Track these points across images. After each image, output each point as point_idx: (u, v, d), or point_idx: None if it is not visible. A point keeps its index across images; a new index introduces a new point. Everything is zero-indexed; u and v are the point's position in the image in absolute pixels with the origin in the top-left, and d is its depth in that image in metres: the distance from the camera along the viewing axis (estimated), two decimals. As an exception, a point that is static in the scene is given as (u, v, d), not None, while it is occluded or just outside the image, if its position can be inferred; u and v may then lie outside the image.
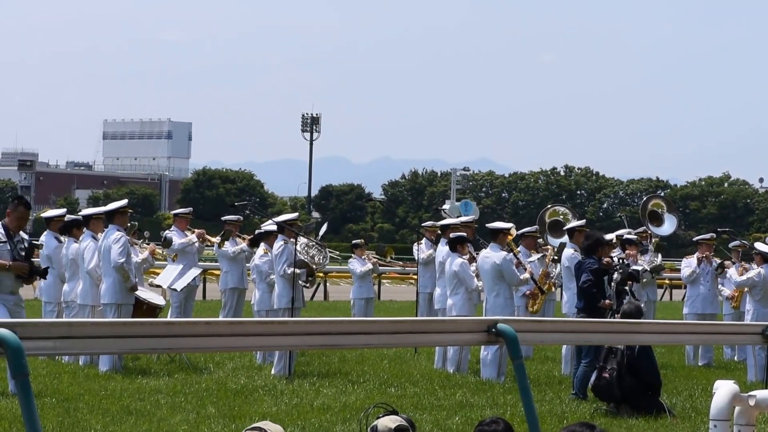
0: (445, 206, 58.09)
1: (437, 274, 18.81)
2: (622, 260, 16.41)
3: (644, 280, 19.65)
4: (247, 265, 20.72)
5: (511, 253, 17.09)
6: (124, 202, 17.39)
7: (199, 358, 17.55)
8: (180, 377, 15.72)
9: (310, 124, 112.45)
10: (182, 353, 16.63)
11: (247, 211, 27.04)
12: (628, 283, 15.48)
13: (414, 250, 23.64)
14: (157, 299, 17.38)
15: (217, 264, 26.81)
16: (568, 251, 17.24)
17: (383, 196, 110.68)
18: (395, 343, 9.24)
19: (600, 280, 15.05)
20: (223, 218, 21.80)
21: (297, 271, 16.98)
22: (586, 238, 15.64)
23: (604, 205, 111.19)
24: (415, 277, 30.07)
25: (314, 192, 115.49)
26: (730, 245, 21.49)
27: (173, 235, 19.90)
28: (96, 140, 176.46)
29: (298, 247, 17.19)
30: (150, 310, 16.74)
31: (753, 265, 18.70)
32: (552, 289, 20.10)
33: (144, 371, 16.32)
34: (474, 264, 17.29)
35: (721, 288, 20.30)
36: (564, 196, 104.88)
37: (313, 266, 17.75)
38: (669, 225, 21.71)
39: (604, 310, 14.81)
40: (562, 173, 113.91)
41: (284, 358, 16.44)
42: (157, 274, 21.39)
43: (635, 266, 17.97)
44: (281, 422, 9.24)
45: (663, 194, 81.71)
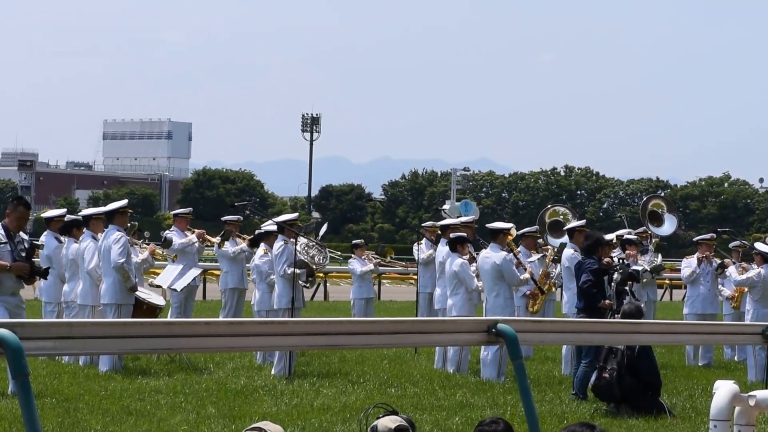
0: (445, 206, 58.07)
1: (437, 274, 18.80)
2: (622, 260, 16.40)
3: (644, 280, 19.64)
4: (247, 265, 20.72)
5: (511, 254, 17.09)
6: (124, 202, 17.39)
7: (199, 358, 17.55)
8: (180, 377, 15.71)
9: (310, 124, 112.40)
10: (182, 353, 16.63)
11: (247, 212, 26.97)
12: (628, 284, 15.48)
13: (414, 250, 23.63)
14: (157, 299, 17.38)
15: (217, 264, 26.82)
16: (568, 251, 17.24)
17: (383, 197, 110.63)
18: (395, 343, 9.24)
19: (600, 281, 15.04)
20: (223, 218, 21.79)
21: (297, 271, 16.98)
22: (586, 239, 15.63)
23: (604, 205, 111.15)
24: (415, 277, 30.06)
25: (314, 192, 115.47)
26: (730, 245, 21.50)
27: (173, 236, 19.89)
28: (96, 140, 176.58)
29: (298, 247, 17.19)
30: (150, 310, 16.74)
31: (753, 265, 18.70)
32: (552, 289, 20.11)
33: (144, 371, 16.32)
34: (474, 264, 17.28)
35: (721, 288, 20.29)
36: (564, 196, 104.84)
37: (313, 266, 17.74)
38: (669, 225, 21.69)
39: (604, 310, 14.81)
40: (562, 173, 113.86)
41: (284, 358, 16.44)
42: (157, 274, 21.38)
43: (635, 266, 17.95)
44: (281, 422, 9.23)
45: (663, 194, 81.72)
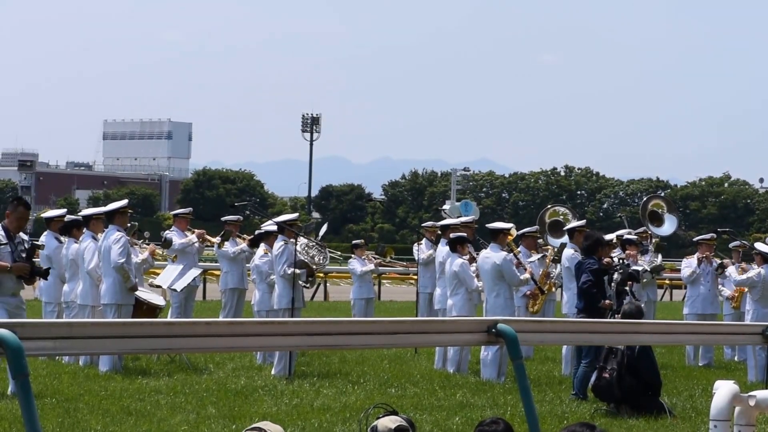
0: (445, 206, 58.04)
1: (437, 274, 18.80)
2: (622, 260, 16.40)
3: (644, 281, 19.64)
4: (247, 265, 20.72)
5: (511, 254, 17.09)
6: (124, 202, 17.38)
7: (199, 358, 17.54)
8: (180, 377, 15.71)
9: (310, 124, 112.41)
10: (182, 353, 16.63)
11: (247, 212, 27.03)
12: (628, 284, 15.48)
13: (414, 250, 23.62)
14: (157, 299, 17.38)
15: (217, 264, 26.81)
16: (569, 251, 17.24)
17: (383, 197, 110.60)
18: (395, 343, 9.24)
19: (600, 281, 15.04)
20: (223, 218, 21.80)
21: (297, 271, 16.98)
22: (586, 239, 15.63)
23: (605, 206, 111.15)
24: (415, 277, 30.06)
25: (314, 192, 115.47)
26: (730, 245, 21.49)
27: (173, 236, 19.89)
28: (96, 140, 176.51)
29: (298, 247, 17.18)
30: (150, 310, 16.74)
31: (753, 266, 18.69)
32: (552, 289, 20.10)
33: (144, 371, 16.32)
34: (474, 264, 17.29)
35: (722, 288, 20.29)
36: (564, 197, 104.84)
37: (313, 266, 17.74)
38: (669, 225, 21.68)
39: (604, 310, 14.81)
40: (562, 173, 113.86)
41: (284, 358, 16.44)
42: (157, 274, 21.39)
43: (635, 266, 17.95)
44: (281, 422, 9.23)
45: (663, 194, 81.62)
